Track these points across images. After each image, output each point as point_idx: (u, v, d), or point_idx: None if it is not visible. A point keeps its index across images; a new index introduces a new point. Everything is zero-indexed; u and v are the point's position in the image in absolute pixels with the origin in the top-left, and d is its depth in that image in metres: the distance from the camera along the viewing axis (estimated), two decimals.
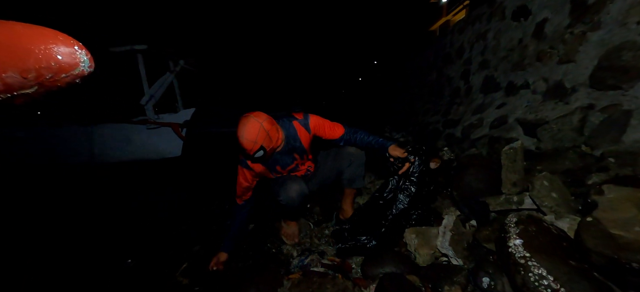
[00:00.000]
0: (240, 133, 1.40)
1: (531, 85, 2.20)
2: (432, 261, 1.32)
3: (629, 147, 1.38)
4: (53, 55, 0.25)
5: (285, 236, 1.84)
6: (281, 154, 1.64)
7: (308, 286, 1.23)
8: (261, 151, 1.43)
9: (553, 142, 1.80)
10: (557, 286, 0.84)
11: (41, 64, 0.25)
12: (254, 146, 1.41)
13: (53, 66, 0.25)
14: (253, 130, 1.40)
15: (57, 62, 0.25)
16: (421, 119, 4.29)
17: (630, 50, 1.48)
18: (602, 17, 1.65)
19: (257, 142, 1.41)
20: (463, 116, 3.10)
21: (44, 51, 0.25)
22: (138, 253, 2.11)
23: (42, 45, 0.25)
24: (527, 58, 2.27)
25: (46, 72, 0.25)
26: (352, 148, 1.69)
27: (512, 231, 1.07)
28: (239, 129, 1.41)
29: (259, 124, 1.41)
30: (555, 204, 1.24)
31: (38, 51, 0.25)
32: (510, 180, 1.48)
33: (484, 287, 1.09)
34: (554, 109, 1.91)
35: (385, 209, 1.46)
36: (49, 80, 0.26)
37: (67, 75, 0.26)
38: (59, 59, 0.25)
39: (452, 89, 3.65)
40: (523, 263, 0.93)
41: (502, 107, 2.50)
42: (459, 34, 3.55)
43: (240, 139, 1.41)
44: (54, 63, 0.25)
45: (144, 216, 2.96)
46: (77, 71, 0.26)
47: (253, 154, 1.43)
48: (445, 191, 1.96)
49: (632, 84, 1.48)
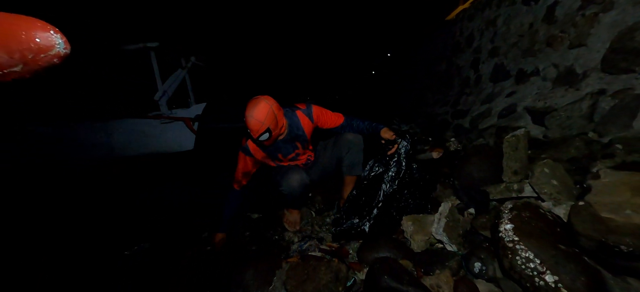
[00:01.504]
0: (250, 112, 1.41)
1: (541, 72, 2.13)
2: (427, 247, 1.34)
3: (638, 132, 1.33)
4: (33, 38, 0.30)
5: (287, 223, 1.90)
6: (283, 142, 1.67)
7: (304, 268, 1.28)
8: (267, 133, 1.45)
9: (561, 130, 1.74)
10: (543, 269, 0.84)
11: (23, 45, 0.30)
12: (261, 126, 1.42)
13: (33, 47, 0.30)
14: (262, 111, 1.41)
15: (36, 45, 0.30)
16: (430, 110, 4.22)
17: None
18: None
19: (264, 123, 1.42)
20: (472, 106, 3.03)
21: (25, 35, 0.30)
22: (153, 238, 2.25)
23: (24, 31, 0.30)
24: (538, 44, 2.18)
25: (28, 52, 0.30)
26: (350, 135, 1.71)
27: (505, 217, 1.07)
28: (248, 108, 1.42)
29: (268, 106, 1.44)
30: (555, 191, 1.22)
31: (21, 35, 0.30)
32: (511, 168, 1.46)
33: (475, 272, 1.10)
34: (563, 96, 1.85)
35: (376, 193, 1.48)
36: (31, 60, 0.31)
37: (46, 56, 0.31)
38: (37, 42, 0.30)
39: (461, 78, 3.56)
40: (511, 247, 0.93)
41: (511, 95, 2.42)
42: (469, 21, 3.44)
43: (248, 118, 1.41)
44: (34, 45, 0.30)
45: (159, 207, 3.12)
46: (53, 52, 0.31)
47: (259, 135, 1.44)
48: (448, 180, 1.95)
49: None
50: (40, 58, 0.31)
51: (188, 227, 2.40)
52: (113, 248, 2.13)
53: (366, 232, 1.45)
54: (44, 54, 0.31)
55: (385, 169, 1.51)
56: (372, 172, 1.57)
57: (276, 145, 1.66)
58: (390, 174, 1.47)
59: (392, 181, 1.46)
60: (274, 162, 1.77)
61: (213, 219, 2.41)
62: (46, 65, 0.32)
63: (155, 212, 2.93)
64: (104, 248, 2.17)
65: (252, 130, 1.44)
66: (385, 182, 1.46)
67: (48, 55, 0.31)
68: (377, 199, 1.45)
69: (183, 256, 1.83)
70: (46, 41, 0.31)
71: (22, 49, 0.30)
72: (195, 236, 2.14)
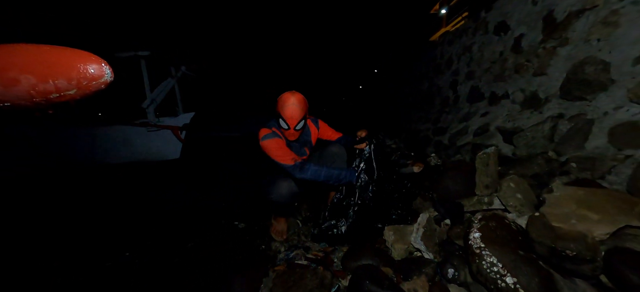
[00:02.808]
0: (291, 101, 1.54)
1: (511, 96, 2.34)
2: (407, 255, 1.43)
3: (589, 153, 1.51)
4: (88, 69, 0.38)
5: (274, 233, 1.95)
6: (297, 144, 1.79)
7: (290, 276, 1.34)
8: (303, 121, 1.59)
9: (527, 149, 1.92)
10: (505, 272, 0.95)
11: (80, 74, 0.38)
12: (301, 113, 1.56)
13: (88, 76, 0.38)
14: (302, 100, 1.58)
15: (90, 74, 0.38)
16: (413, 126, 4.43)
17: (592, 65, 1.62)
18: (569, 34, 1.80)
19: (303, 110, 1.57)
20: (451, 124, 3.23)
21: (82, 66, 0.38)
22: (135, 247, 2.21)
23: (81, 62, 0.38)
24: (507, 70, 2.41)
25: (83, 80, 0.38)
26: (335, 147, 1.82)
27: (474, 226, 1.19)
28: (286, 98, 1.56)
29: (304, 98, 1.60)
30: (519, 203, 1.36)
31: (78, 66, 0.38)
32: (483, 183, 1.60)
33: (449, 277, 1.20)
34: (529, 118, 2.04)
35: (353, 196, 1.59)
36: (84, 86, 0.38)
37: (97, 83, 0.39)
38: (92, 72, 0.38)
39: (442, 98, 3.79)
40: (478, 252, 1.04)
41: (485, 115, 2.63)
42: (449, 45, 3.71)
43: (290, 106, 1.54)
44: (89, 74, 0.38)
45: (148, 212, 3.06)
46: (103, 80, 0.39)
47: (297, 122, 1.57)
48: (428, 193, 2.08)
49: (594, 96, 1.61)
50: (92, 84, 0.38)
51: (174, 234, 2.38)
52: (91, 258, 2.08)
53: (343, 234, 1.53)
54: (95, 81, 0.39)
55: (359, 172, 1.63)
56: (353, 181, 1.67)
57: (291, 145, 1.76)
58: (363, 178, 1.58)
59: (366, 184, 1.57)
60: None
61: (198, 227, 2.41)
62: (95, 90, 0.39)
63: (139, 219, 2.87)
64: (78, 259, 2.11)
65: (293, 117, 1.55)
66: (361, 183, 1.57)
67: (98, 83, 0.39)
68: (354, 201, 1.54)
69: (170, 263, 1.83)
70: (98, 71, 0.38)
71: (79, 77, 0.38)
72: (182, 243, 2.13)
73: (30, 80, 0.36)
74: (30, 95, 0.37)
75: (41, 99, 0.37)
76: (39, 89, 0.37)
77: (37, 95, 0.37)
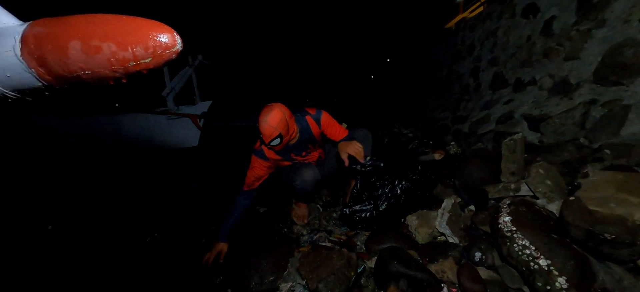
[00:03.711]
0: (263, 118, 1.47)
1: (538, 82, 2.26)
2: (430, 239, 1.44)
3: (625, 139, 1.45)
4: (161, 38, 0.40)
5: (295, 217, 1.99)
6: (294, 146, 1.74)
7: (316, 256, 1.37)
8: (278, 138, 1.51)
9: (555, 136, 1.86)
10: (537, 255, 0.95)
11: (155, 43, 0.40)
12: (273, 132, 1.48)
13: (162, 45, 0.40)
14: (276, 117, 1.48)
15: (164, 43, 0.40)
16: (430, 115, 4.35)
17: (632, 47, 1.53)
18: (606, 15, 1.70)
19: (277, 129, 1.48)
20: (471, 112, 3.15)
21: (157, 35, 0.40)
22: (164, 229, 2.32)
23: (156, 32, 0.40)
24: (535, 55, 2.32)
25: (158, 48, 0.40)
26: (361, 132, 1.81)
27: (504, 211, 1.18)
28: (262, 114, 1.49)
29: (282, 113, 1.51)
30: (548, 190, 1.33)
31: (153, 35, 0.40)
32: (509, 169, 1.58)
33: (475, 261, 1.20)
34: (558, 105, 1.97)
35: (378, 191, 1.59)
36: (158, 54, 0.40)
37: (169, 52, 0.41)
38: (165, 41, 0.40)
39: (461, 85, 3.69)
40: (509, 235, 1.04)
41: (509, 103, 2.55)
42: (470, 31, 3.59)
43: (261, 123, 1.48)
44: (163, 43, 0.40)
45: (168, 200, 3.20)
46: (175, 49, 0.41)
47: (270, 140, 1.50)
48: (449, 181, 2.06)
49: (632, 80, 1.54)
50: (165, 53, 0.41)
51: (197, 217, 2.48)
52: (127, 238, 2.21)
53: (367, 218, 1.55)
54: (168, 50, 0.41)
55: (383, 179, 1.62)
56: (372, 169, 1.66)
57: (287, 147, 1.71)
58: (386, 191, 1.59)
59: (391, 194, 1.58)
60: (288, 162, 1.84)
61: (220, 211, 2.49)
62: (168, 59, 0.42)
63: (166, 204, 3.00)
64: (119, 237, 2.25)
65: (264, 135, 1.48)
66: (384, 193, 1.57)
67: (170, 52, 0.41)
68: (383, 191, 1.55)
69: (197, 244, 1.91)
70: (171, 41, 0.41)
71: (155, 45, 0.40)
72: (206, 225, 2.22)
73: (112, 48, 0.38)
74: (110, 64, 0.40)
75: (119, 67, 0.40)
76: (119, 57, 0.39)
77: (117, 63, 0.40)
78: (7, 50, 0.40)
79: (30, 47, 0.39)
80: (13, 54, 0.40)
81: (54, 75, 0.41)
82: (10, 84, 0.43)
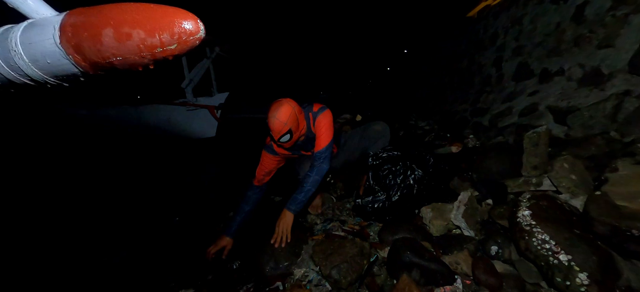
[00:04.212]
0: (273, 113, 1.42)
1: (566, 72, 2.13)
2: (445, 232, 1.42)
3: None
4: (186, 24, 0.42)
5: (309, 207, 2.02)
6: (303, 142, 1.69)
7: (329, 244, 1.40)
8: (288, 134, 1.47)
9: (583, 130, 1.77)
10: (557, 249, 0.92)
11: (181, 29, 0.42)
12: (283, 127, 1.44)
13: (186, 31, 0.42)
14: (285, 112, 1.44)
15: (188, 29, 0.42)
16: (448, 107, 4.23)
17: None
18: None
19: (286, 125, 1.44)
20: (492, 105, 3.04)
21: (182, 22, 0.42)
22: (183, 214, 2.44)
23: (180, 19, 0.42)
24: (564, 43, 2.19)
25: (183, 35, 0.42)
26: (379, 125, 1.78)
27: (523, 204, 1.14)
28: (271, 109, 1.45)
29: (291, 108, 1.47)
30: (572, 184, 1.28)
31: (179, 22, 0.42)
32: (531, 163, 1.52)
33: (491, 254, 1.18)
34: (588, 96, 1.86)
35: (392, 183, 1.58)
36: (183, 41, 0.43)
37: (193, 38, 0.43)
38: (189, 28, 0.42)
39: (482, 76, 3.55)
40: (528, 230, 1.01)
41: (533, 94, 2.44)
42: (494, 19, 3.42)
43: (271, 119, 1.43)
44: (187, 29, 0.42)
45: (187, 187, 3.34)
46: (198, 35, 0.43)
47: (280, 136, 1.47)
48: (466, 174, 2.01)
49: None
50: (189, 40, 0.43)
51: (215, 204, 2.58)
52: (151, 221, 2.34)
53: (380, 209, 1.54)
54: (192, 36, 0.43)
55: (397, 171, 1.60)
56: (386, 164, 1.65)
57: (297, 144, 1.67)
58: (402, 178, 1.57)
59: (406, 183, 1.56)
60: (296, 155, 1.82)
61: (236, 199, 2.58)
62: (192, 45, 0.44)
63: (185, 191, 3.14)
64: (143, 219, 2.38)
65: (274, 131, 1.45)
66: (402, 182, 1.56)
67: (194, 38, 0.43)
68: (393, 190, 1.55)
69: (214, 229, 1.99)
70: (194, 27, 0.43)
71: (180, 32, 0.42)
72: (223, 213, 2.31)
73: (141, 35, 0.41)
74: (139, 50, 0.42)
75: (148, 53, 0.43)
76: (147, 44, 0.42)
77: (145, 49, 0.42)
78: (47, 38, 0.44)
79: (67, 35, 0.43)
80: (53, 42, 0.43)
81: (89, 61, 0.44)
82: (50, 70, 0.46)
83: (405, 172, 1.59)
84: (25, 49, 0.45)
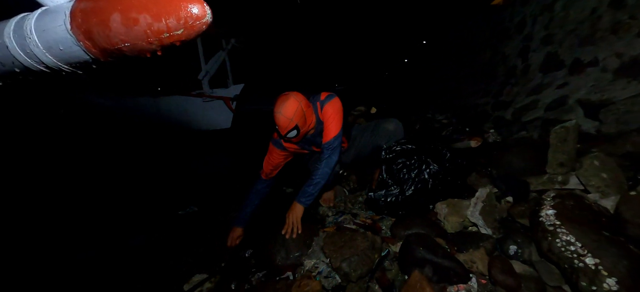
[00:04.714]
0: (278, 109, 1.37)
1: (601, 62, 1.97)
2: (460, 229, 1.37)
3: None
4: (192, 9, 0.41)
5: (321, 199, 2.02)
6: (313, 136, 1.65)
7: (341, 237, 1.39)
8: (295, 130, 1.42)
9: (617, 125, 1.64)
10: (584, 252, 0.86)
11: (187, 14, 0.41)
12: (289, 123, 1.38)
13: (193, 15, 0.41)
14: (291, 107, 1.38)
15: (195, 14, 0.41)
16: (468, 101, 4.05)
17: None
18: None
19: (293, 120, 1.38)
20: (516, 98, 2.88)
21: (188, 6, 0.41)
22: (199, 203, 2.52)
23: (186, 3, 0.41)
24: (600, 31, 2.01)
25: (189, 19, 0.41)
26: (391, 124, 1.74)
27: (547, 203, 1.08)
28: (277, 104, 1.39)
29: (297, 102, 1.41)
30: (603, 184, 1.19)
31: (185, 6, 0.41)
32: (557, 160, 1.43)
33: (510, 254, 1.13)
34: (624, 89, 1.72)
35: (406, 178, 1.54)
36: (190, 25, 0.42)
37: (200, 22, 0.42)
38: (196, 12, 0.41)
39: (507, 68, 3.36)
40: (551, 230, 0.95)
41: (563, 87, 2.28)
42: (521, 6, 3.21)
43: (276, 115, 1.38)
44: (193, 14, 0.41)
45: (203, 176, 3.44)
46: (205, 20, 0.42)
47: (287, 132, 1.42)
48: (485, 170, 1.93)
49: None
50: (196, 24, 0.42)
51: (228, 194, 2.64)
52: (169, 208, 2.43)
53: (393, 203, 1.51)
54: (199, 21, 0.42)
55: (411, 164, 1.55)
56: (400, 158, 1.60)
57: (305, 139, 1.63)
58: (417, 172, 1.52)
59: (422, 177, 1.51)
60: (307, 151, 1.79)
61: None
62: (198, 30, 0.43)
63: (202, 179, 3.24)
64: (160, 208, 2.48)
65: (280, 127, 1.40)
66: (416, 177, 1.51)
67: (201, 22, 0.42)
68: (407, 184, 1.51)
69: (227, 216, 2.04)
70: (201, 11, 0.42)
71: (186, 16, 0.41)
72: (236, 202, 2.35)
73: (147, 20, 0.40)
74: (147, 35, 0.42)
75: (155, 38, 0.42)
76: (154, 29, 0.41)
77: (152, 34, 0.42)
78: (59, 25, 0.44)
79: (77, 21, 0.43)
80: (64, 29, 0.44)
81: (99, 47, 0.44)
82: (63, 58, 0.47)
83: (420, 166, 1.54)
84: (39, 36, 0.45)
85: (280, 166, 1.74)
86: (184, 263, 1.68)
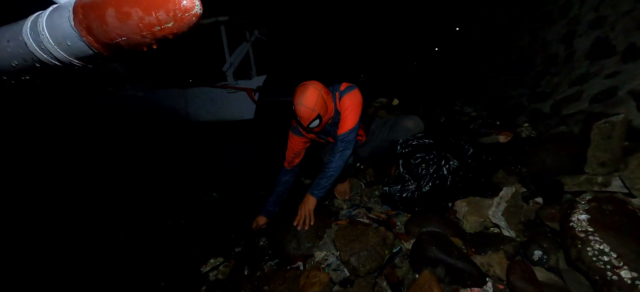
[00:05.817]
0: (299, 100, 1.36)
1: None
2: (480, 229, 1.29)
3: None
4: (181, 1, 0.41)
5: (337, 192, 2.00)
6: (331, 126, 1.63)
7: (352, 230, 1.37)
8: (317, 120, 1.41)
9: None
10: (619, 264, 0.77)
11: (175, 6, 0.41)
12: (312, 113, 1.37)
13: (181, 8, 0.41)
14: (312, 97, 1.36)
15: (183, 6, 0.41)
16: (501, 92, 3.76)
17: None
18: None
19: (314, 110, 1.37)
20: (556, 88, 2.61)
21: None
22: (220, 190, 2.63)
23: None
24: None
25: (178, 11, 0.42)
26: (410, 122, 1.67)
27: (580, 207, 0.98)
28: (296, 95, 1.38)
29: (317, 91, 1.39)
30: None
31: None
32: (598, 159, 1.29)
33: (534, 260, 1.04)
34: None
35: (423, 173, 1.47)
36: (179, 18, 0.42)
37: (189, 15, 0.42)
38: (184, 4, 0.41)
39: (547, 55, 3.05)
40: (582, 237, 0.86)
41: (613, 76, 2.02)
42: None
43: (297, 106, 1.37)
44: (182, 6, 0.41)
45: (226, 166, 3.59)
46: (194, 11, 0.42)
47: (309, 123, 1.41)
48: (513, 167, 1.79)
49: None
50: (185, 16, 0.42)
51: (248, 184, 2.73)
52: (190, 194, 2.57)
53: (409, 199, 1.46)
54: (188, 13, 0.42)
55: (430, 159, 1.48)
56: (417, 153, 1.53)
57: (325, 129, 1.62)
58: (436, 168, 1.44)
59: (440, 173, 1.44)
60: (323, 140, 1.78)
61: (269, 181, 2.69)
62: (188, 22, 0.43)
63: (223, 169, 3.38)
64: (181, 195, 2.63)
65: (302, 118, 1.39)
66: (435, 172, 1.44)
67: (190, 14, 0.42)
68: (424, 180, 1.44)
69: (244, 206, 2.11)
70: (188, 3, 0.42)
71: (175, 9, 0.41)
72: (255, 192, 2.43)
73: (139, 13, 0.41)
74: (139, 29, 0.43)
75: (147, 32, 0.43)
76: (145, 22, 0.42)
77: (144, 28, 0.42)
78: (64, 21, 0.47)
79: (79, 17, 0.45)
80: (69, 25, 0.46)
81: (100, 42, 0.46)
82: (72, 52, 0.50)
83: (439, 161, 1.46)
84: (50, 33, 0.48)
85: (301, 153, 1.76)
86: (202, 247, 1.77)
